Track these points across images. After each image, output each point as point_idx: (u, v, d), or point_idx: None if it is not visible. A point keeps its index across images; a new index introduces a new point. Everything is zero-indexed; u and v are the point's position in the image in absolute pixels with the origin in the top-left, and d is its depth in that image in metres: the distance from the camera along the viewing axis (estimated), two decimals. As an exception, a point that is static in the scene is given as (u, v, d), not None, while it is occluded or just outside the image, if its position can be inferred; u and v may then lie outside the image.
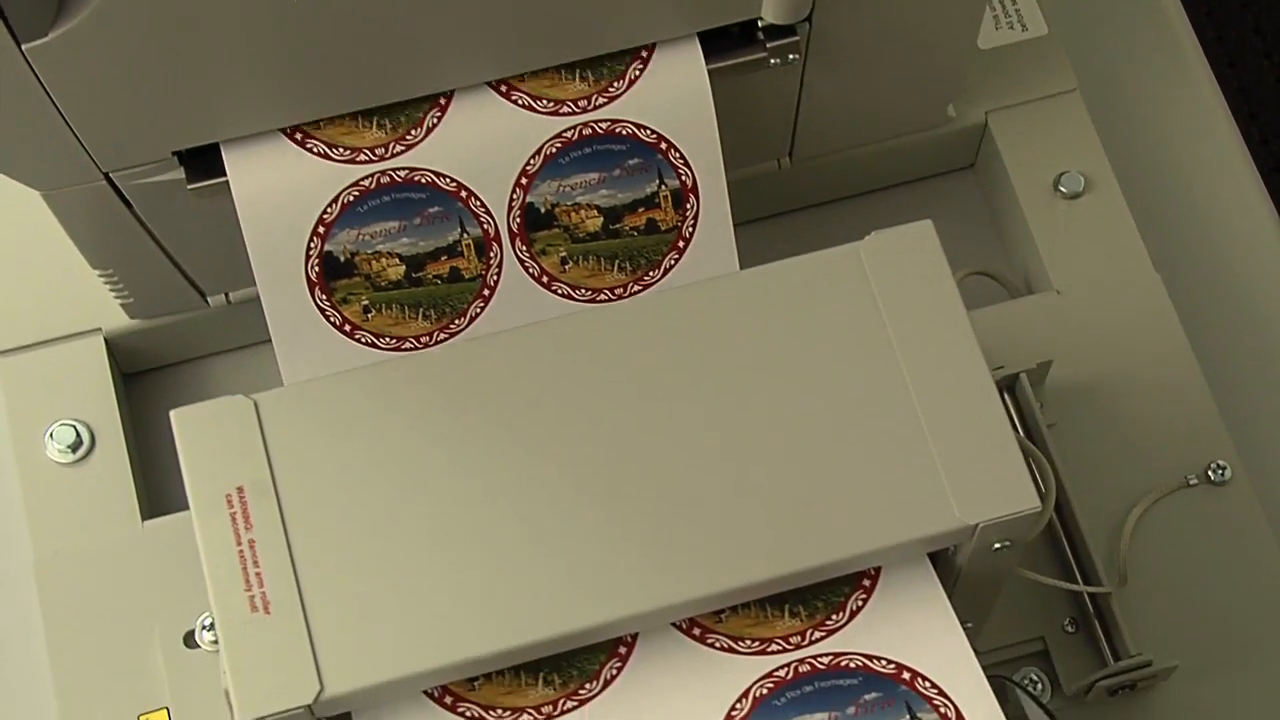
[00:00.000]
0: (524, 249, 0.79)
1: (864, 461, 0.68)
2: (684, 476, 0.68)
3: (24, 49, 0.68)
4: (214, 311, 0.91)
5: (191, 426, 0.69)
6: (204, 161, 0.77)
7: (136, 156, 0.77)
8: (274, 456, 0.68)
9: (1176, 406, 0.90)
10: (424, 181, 0.78)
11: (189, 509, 0.68)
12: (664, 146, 0.79)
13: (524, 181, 0.78)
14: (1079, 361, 0.90)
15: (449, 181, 0.78)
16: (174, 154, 0.77)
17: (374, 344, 0.79)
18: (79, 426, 0.89)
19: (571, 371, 0.70)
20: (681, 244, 0.78)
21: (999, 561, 0.71)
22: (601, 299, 0.79)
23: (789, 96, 0.87)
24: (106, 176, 0.77)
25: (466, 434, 0.69)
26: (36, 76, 0.69)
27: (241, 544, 0.66)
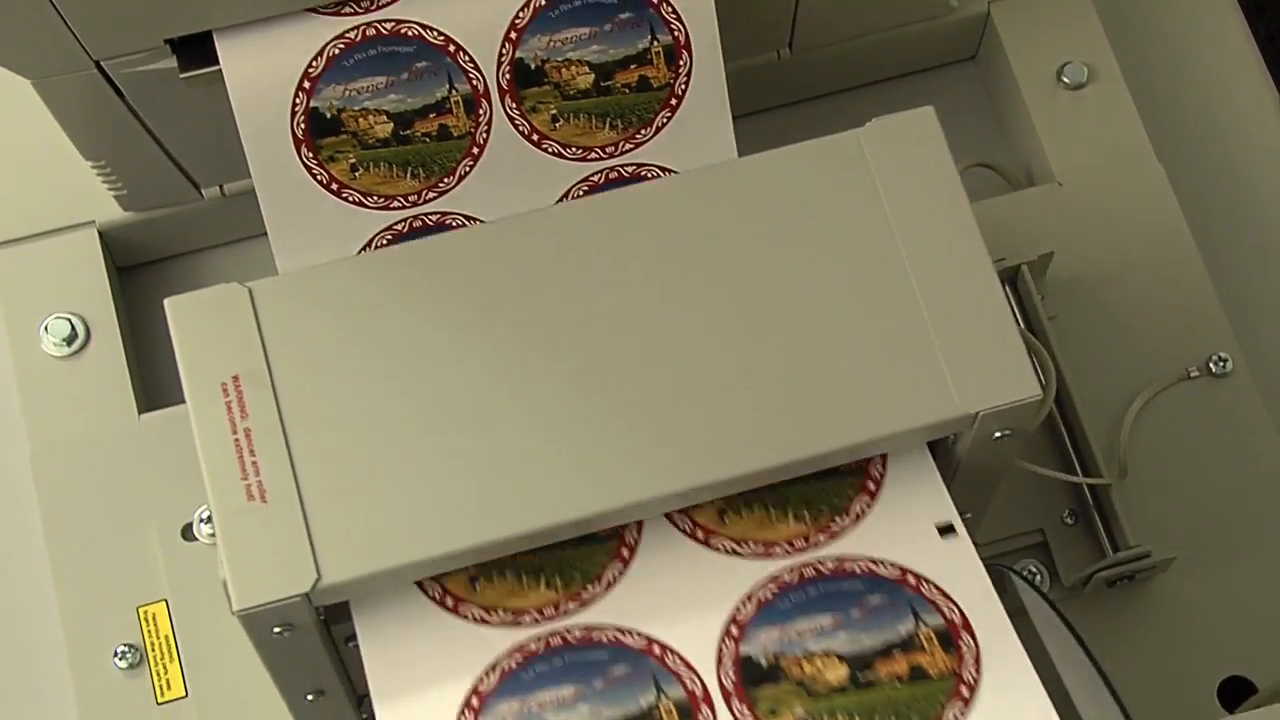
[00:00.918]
0: (514, 106, 0.76)
1: (865, 350, 0.68)
2: (684, 365, 0.68)
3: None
4: (208, 204, 0.90)
5: (186, 315, 0.68)
6: (196, 50, 0.76)
7: (128, 45, 0.76)
8: (269, 345, 0.67)
9: (1178, 299, 0.89)
10: (411, 35, 0.75)
11: (185, 403, 0.67)
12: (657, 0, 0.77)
13: (513, 35, 0.75)
14: (1080, 254, 0.90)
15: (437, 35, 0.75)
16: (166, 42, 0.76)
17: (361, 203, 0.77)
18: (74, 320, 0.88)
19: (570, 260, 0.69)
20: (674, 101, 0.76)
21: (999, 451, 0.70)
22: (592, 158, 0.77)
23: (789, -18, 0.86)
24: (98, 65, 0.76)
25: (464, 322, 0.68)
26: (25, -39, 0.68)
27: (237, 433, 0.66)
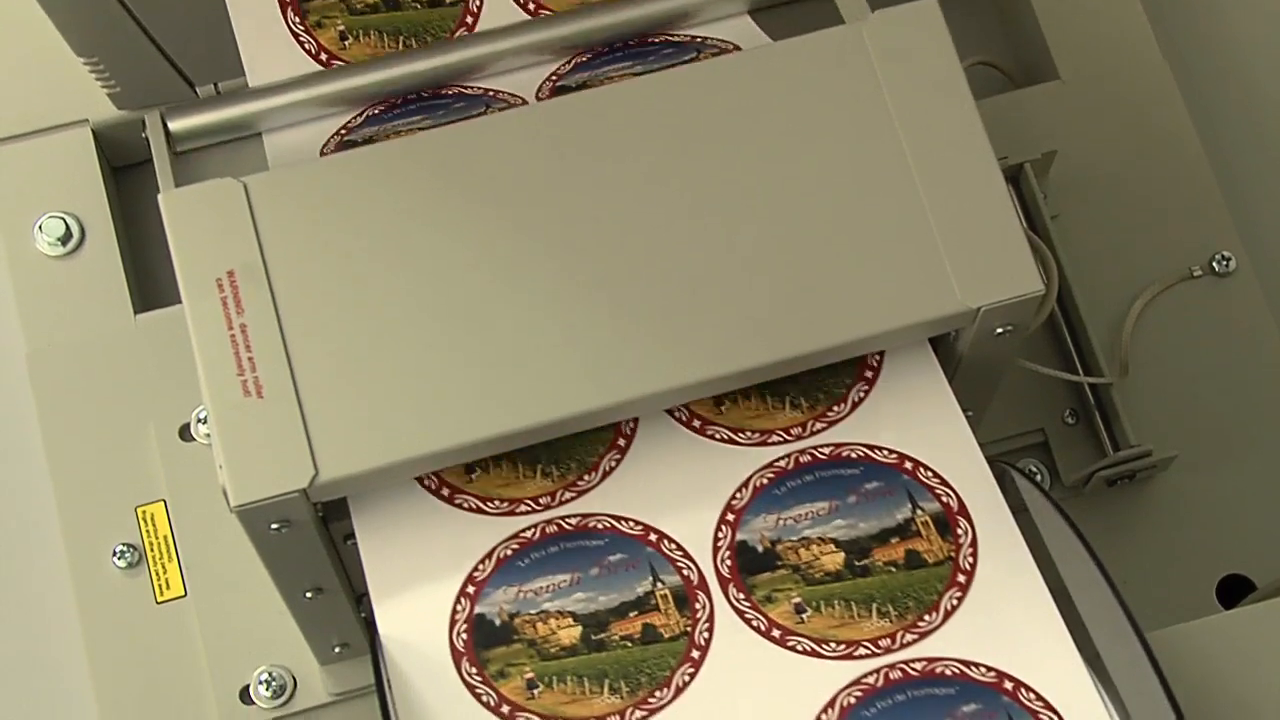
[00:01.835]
0: (740, 596, 0.66)
1: (866, 245, 0.67)
2: (685, 261, 0.67)
3: None
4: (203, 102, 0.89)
5: (180, 210, 0.67)
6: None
7: (118, -65, 0.74)
8: (265, 240, 0.67)
9: (1182, 197, 0.88)
10: (603, 528, 0.68)
11: (182, 302, 0.67)
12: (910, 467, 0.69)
13: (730, 517, 0.67)
14: (1083, 152, 0.89)
15: (634, 525, 0.68)
16: (157, -68, 0.75)
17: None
18: (68, 219, 0.87)
19: (570, 155, 0.68)
20: (962, 578, 0.66)
21: (1000, 348, 0.70)
22: (861, 654, 0.65)
23: None
24: (88, -44, 0.75)
25: (462, 217, 0.67)
26: None
27: (233, 328, 0.65)
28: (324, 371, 0.65)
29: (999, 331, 0.68)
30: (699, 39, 0.76)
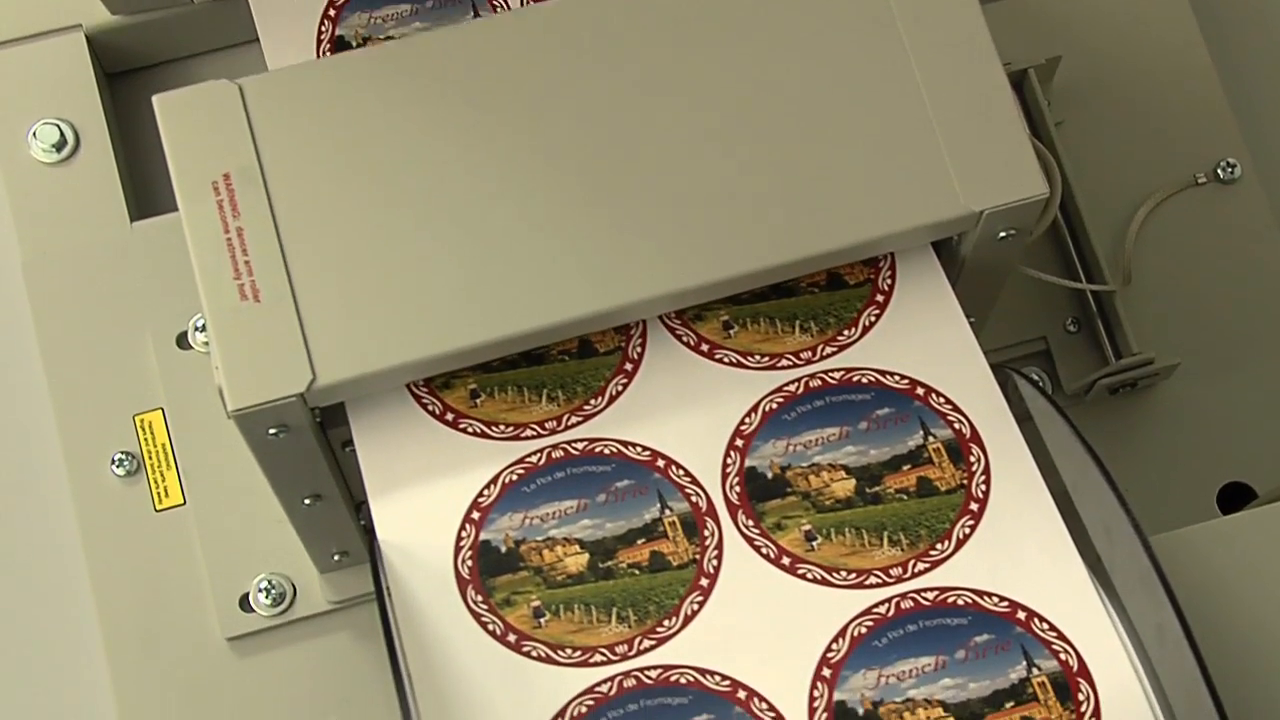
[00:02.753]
0: (750, 523, 0.65)
1: (870, 148, 0.67)
2: (686, 164, 0.66)
3: None
4: (199, 7, 0.88)
5: (175, 112, 0.67)
6: None
7: None
8: (260, 142, 0.66)
9: (1187, 104, 0.88)
10: (609, 453, 0.67)
11: (178, 209, 0.66)
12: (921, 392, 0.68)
13: (739, 444, 0.66)
14: (1088, 58, 0.88)
15: (641, 451, 0.67)
16: None
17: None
18: (62, 125, 0.87)
19: (570, 58, 0.68)
20: (974, 506, 0.65)
21: (1003, 252, 0.69)
22: (873, 582, 0.64)
23: None
24: None
25: (460, 119, 0.67)
26: None
27: (229, 231, 0.65)
28: (321, 275, 0.65)
29: (1002, 236, 0.68)
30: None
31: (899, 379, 0.67)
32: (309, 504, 0.72)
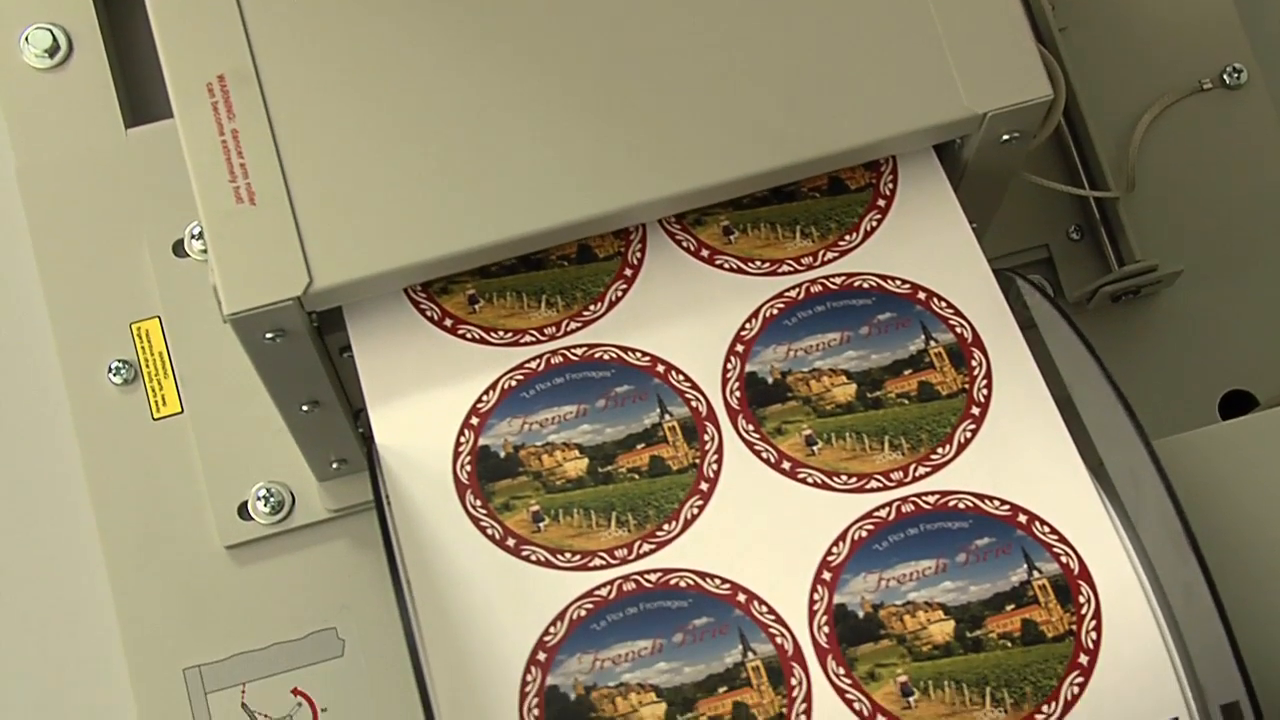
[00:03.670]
0: (751, 428, 0.65)
1: (872, 49, 0.66)
2: (686, 64, 0.65)
3: None
4: (191, -91, 0.87)
5: (169, 12, 0.66)
6: None
7: None
8: (255, 43, 0.65)
9: (1193, 8, 0.87)
10: (609, 358, 0.67)
11: (173, 116, 0.65)
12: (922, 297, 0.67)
13: (740, 349, 0.66)
14: (1093, -39, 0.87)
15: (641, 356, 0.66)
16: None
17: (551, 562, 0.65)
18: (55, 30, 0.86)
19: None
20: (976, 410, 0.65)
21: (1006, 156, 0.69)
22: (873, 486, 0.64)
23: None
24: None
25: (458, 20, 0.66)
26: None
27: (224, 134, 0.64)
28: (317, 178, 0.64)
29: (1005, 138, 0.67)
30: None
31: (900, 283, 0.67)
32: (307, 411, 0.72)
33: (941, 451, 0.64)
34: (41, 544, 0.84)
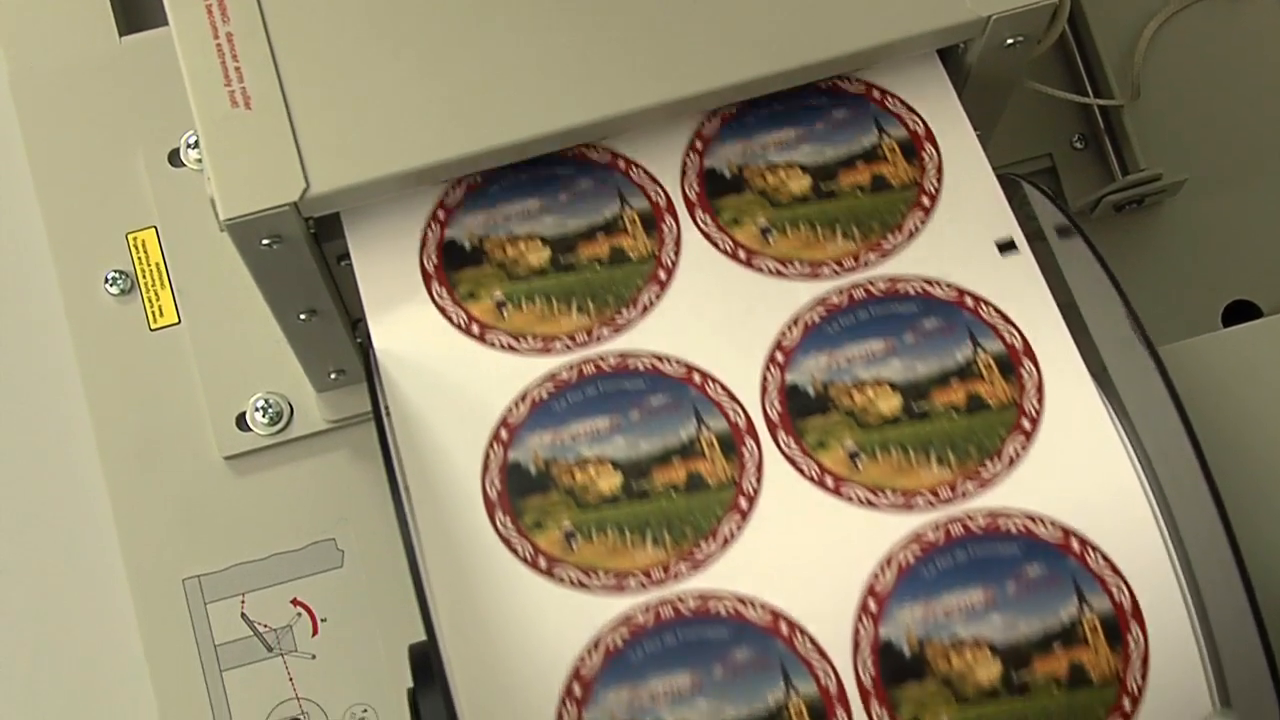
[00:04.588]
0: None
1: (873, -49, 0.65)
2: (683, -32, 0.65)
3: None
4: None
5: (161, -86, 0.65)
6: None
7: None
8: (249, -55, 0.64)
9: (1200, -87, 0.86)
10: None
11: (167, 24, 0.64)
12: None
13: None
14: None
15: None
16: None
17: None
18: (47, -64, 0.85)
19: None
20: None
21: (1010, 61, 0.68)
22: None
23: None
24: None
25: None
26: None
27: (219, 37, 0.63)
28: (314, 82, 0.63)
29: (1009, 43, 0.66)
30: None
31: (946, 288, 0.63)
32: (304, 320, 0.71)
33: (991, 466, 0.60)
34: (39, 457, 0.84)
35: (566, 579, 0.59)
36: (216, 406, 0.81)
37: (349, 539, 0.79)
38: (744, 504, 0.60)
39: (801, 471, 0.61)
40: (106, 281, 0.82)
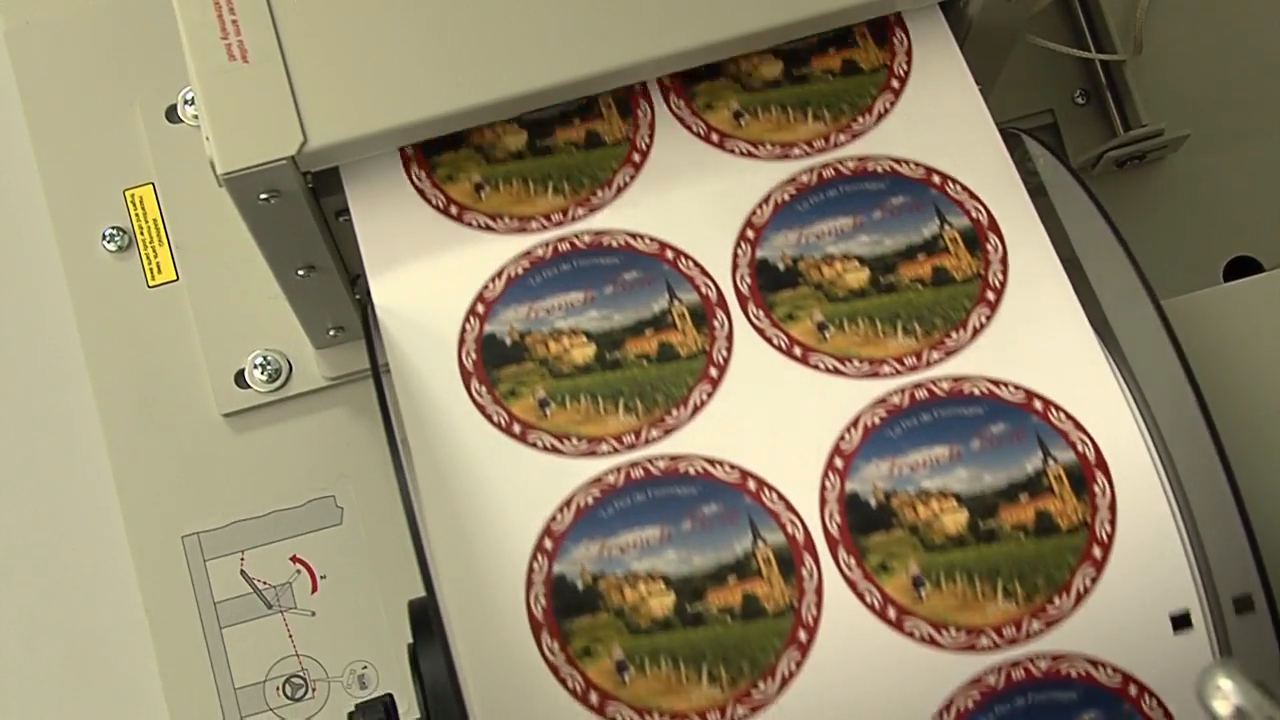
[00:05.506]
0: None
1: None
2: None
3: None
4: None
5: None
6: None
7: None
8: (246, -104, 0.64)
9: None
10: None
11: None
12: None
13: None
14: None
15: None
16: None
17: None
18: (42, -111, 0.84)
19: None
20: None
21: (1012, 13, 0.68)
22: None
23: None
24: None
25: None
26: None
27: (215, -11, 0.63)
28: (311, 35, 0.63)
29: (1010, -6, 0.66)
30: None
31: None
32: (303, 276, 0.71)
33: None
34: (38, 413, 0.84)
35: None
36: (215, 363, 0.80)
37: (348, 496, 0.79)
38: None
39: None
40: (104, 238, 0.82)
